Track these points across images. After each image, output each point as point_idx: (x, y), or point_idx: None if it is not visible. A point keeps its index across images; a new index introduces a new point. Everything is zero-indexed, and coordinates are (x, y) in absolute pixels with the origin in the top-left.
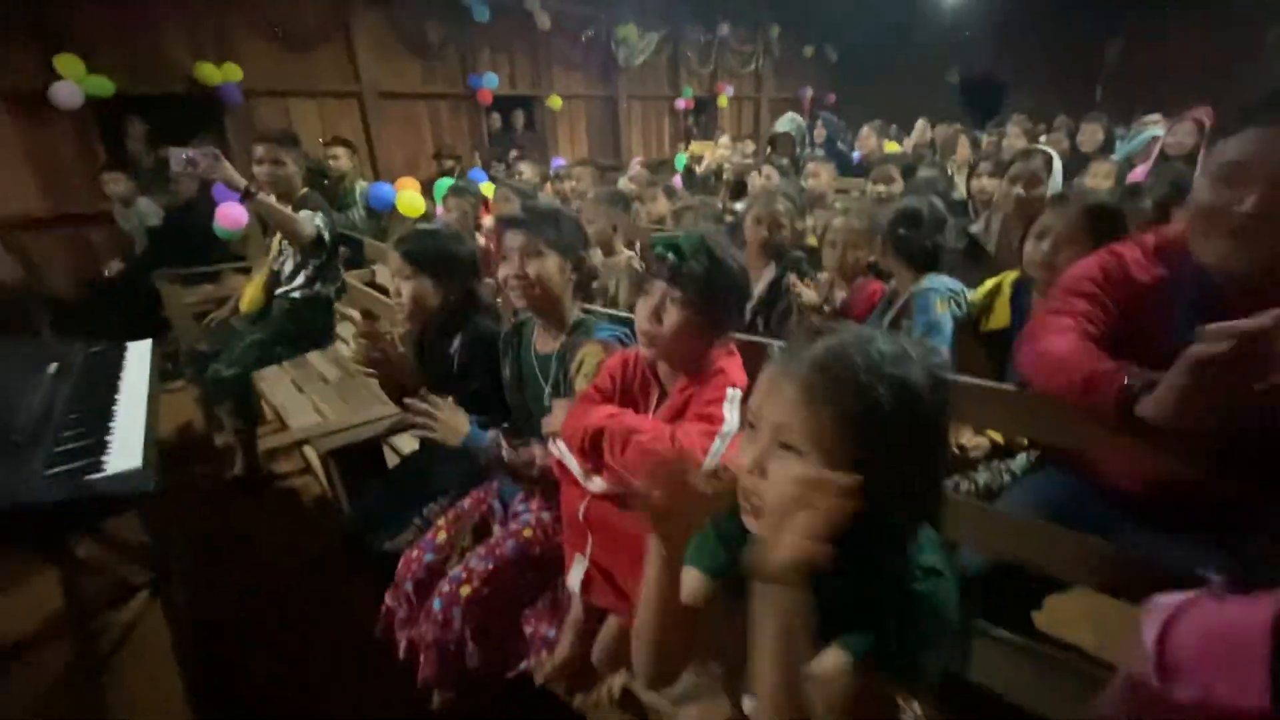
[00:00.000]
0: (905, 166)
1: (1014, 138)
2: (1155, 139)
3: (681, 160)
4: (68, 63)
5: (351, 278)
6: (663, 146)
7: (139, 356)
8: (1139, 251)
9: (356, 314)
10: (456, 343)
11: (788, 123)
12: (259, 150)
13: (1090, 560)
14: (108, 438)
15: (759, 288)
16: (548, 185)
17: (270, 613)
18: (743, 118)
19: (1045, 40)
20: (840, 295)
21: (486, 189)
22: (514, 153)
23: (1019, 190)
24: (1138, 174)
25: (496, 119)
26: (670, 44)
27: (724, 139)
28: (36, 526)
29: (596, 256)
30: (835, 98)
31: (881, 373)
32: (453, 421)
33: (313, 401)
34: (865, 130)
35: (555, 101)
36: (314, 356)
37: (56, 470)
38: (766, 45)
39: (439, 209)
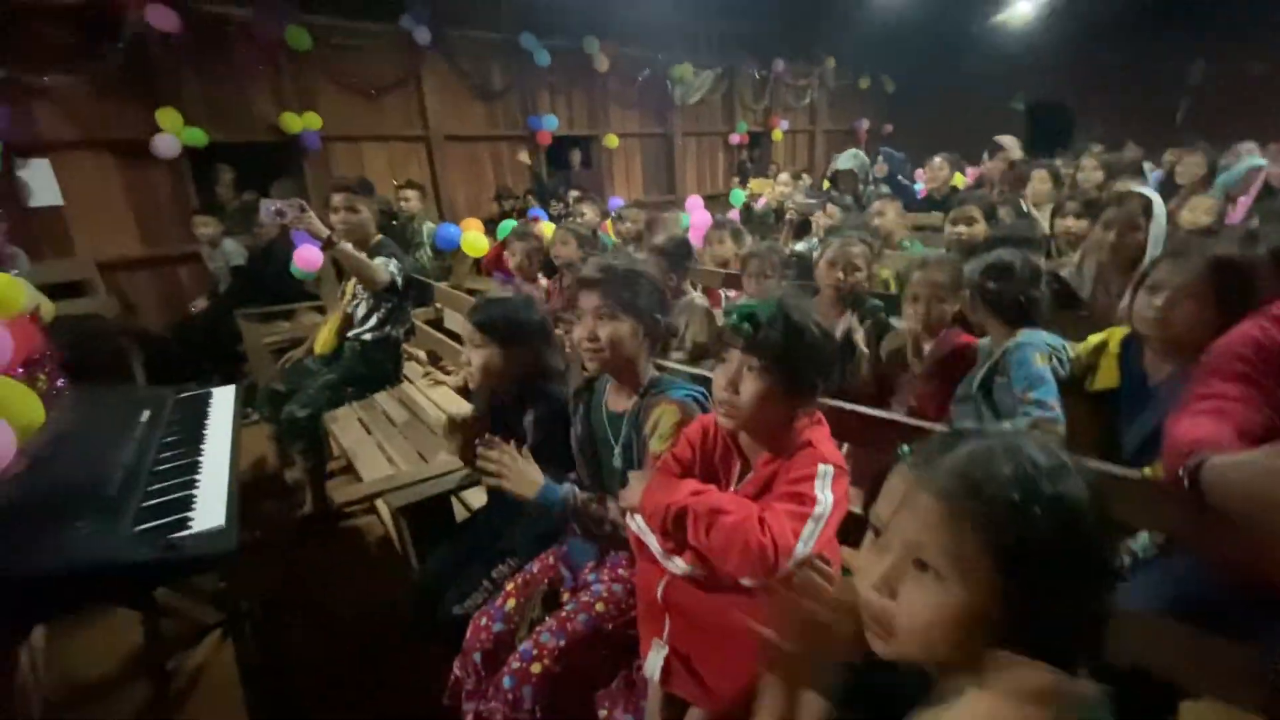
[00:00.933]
0: (987, 207)
1: (1089, 170)
2: (1256, 170)
3: (738, 196)
4: (168, 117)
5: (419, 320)
6: (717, 181)
7: (223, 403)
8: None
9: (423, 354)
10: (530, 416)
11: (850, 159)
12: (336, 199)
13: (1233, 671)
14: (193, 492)
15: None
16: (606, 224)
17: (337, 665)
18: (798, 150)
19: (1118, 62)
20: (926, 348)
21: (546, 228)
22: (574, 193)
23: (1113, 236)
24: (1238, 210)
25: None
26: (725, 81)
27: (784, 176)
28: (124, 584)
29: None
30: (892, 128)
31: (1038, 491)
32: (527, 472)
33: (380, 445)
34: (937, 161)
35: (612, 140)
36: (382, 397)
37: (144, 528)
38: (821, 78)
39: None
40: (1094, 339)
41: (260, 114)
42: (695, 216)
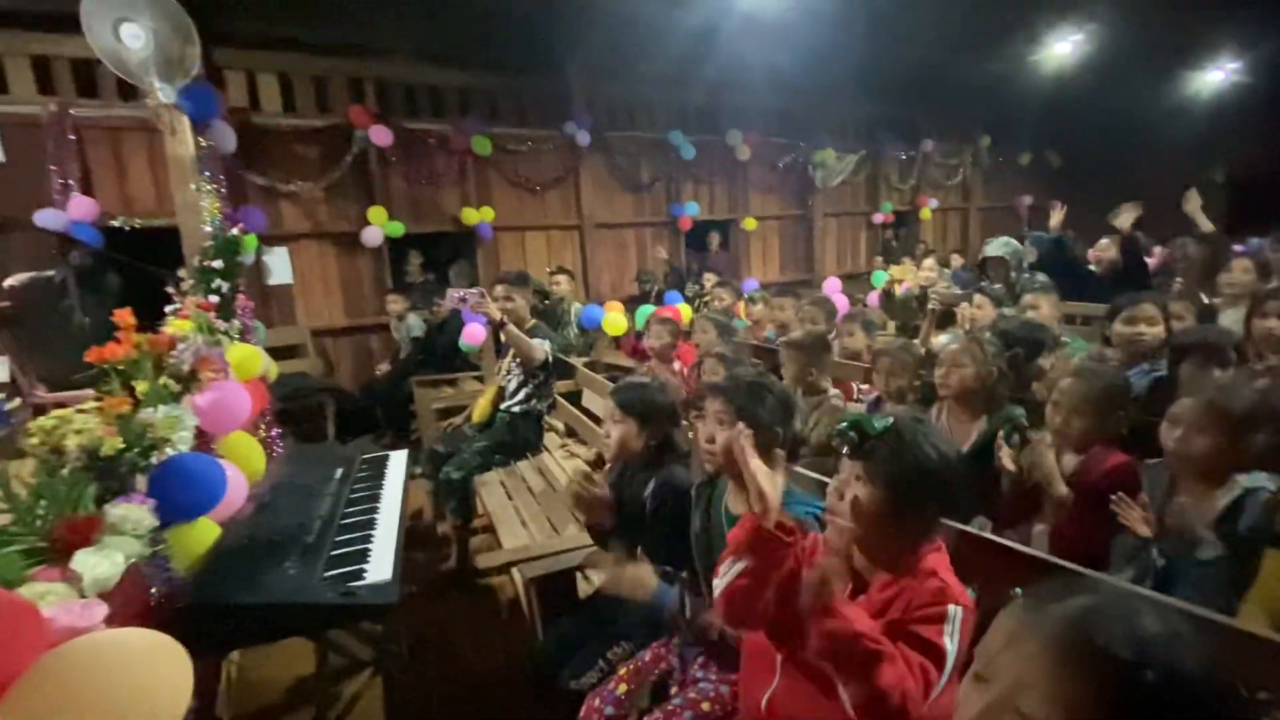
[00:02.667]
0: (1162, 305)
1: None
2: None
3: (879, 278)
4: (377, 213)
5: (560, 395)
6: (859, 260)
7: (398, 466)
8: None
9: (562, 426)
10: (651, 486)
11: (1001, 245)
12: (498, 289)
13: None
14: (369, 546)
15: (964, 448)
16: (740, 306)
17: (465, 715)
18: (949, 228)
19: None
20: (1069, 464)
21: (684, 310)
22: (709, 276)
23: None
24: None
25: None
26: (869, 163)
27: (928, 261)
28: (310, 620)
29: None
30: (1061, 203)
31: (1150, 654)
32: (639, 578)
33: (519, 512)
34: (1104, 242)
35: (750, 223)
36: (524, 465)
37: (332, 574)
38: (975, 156)
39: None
40: None
41: (446, 208)
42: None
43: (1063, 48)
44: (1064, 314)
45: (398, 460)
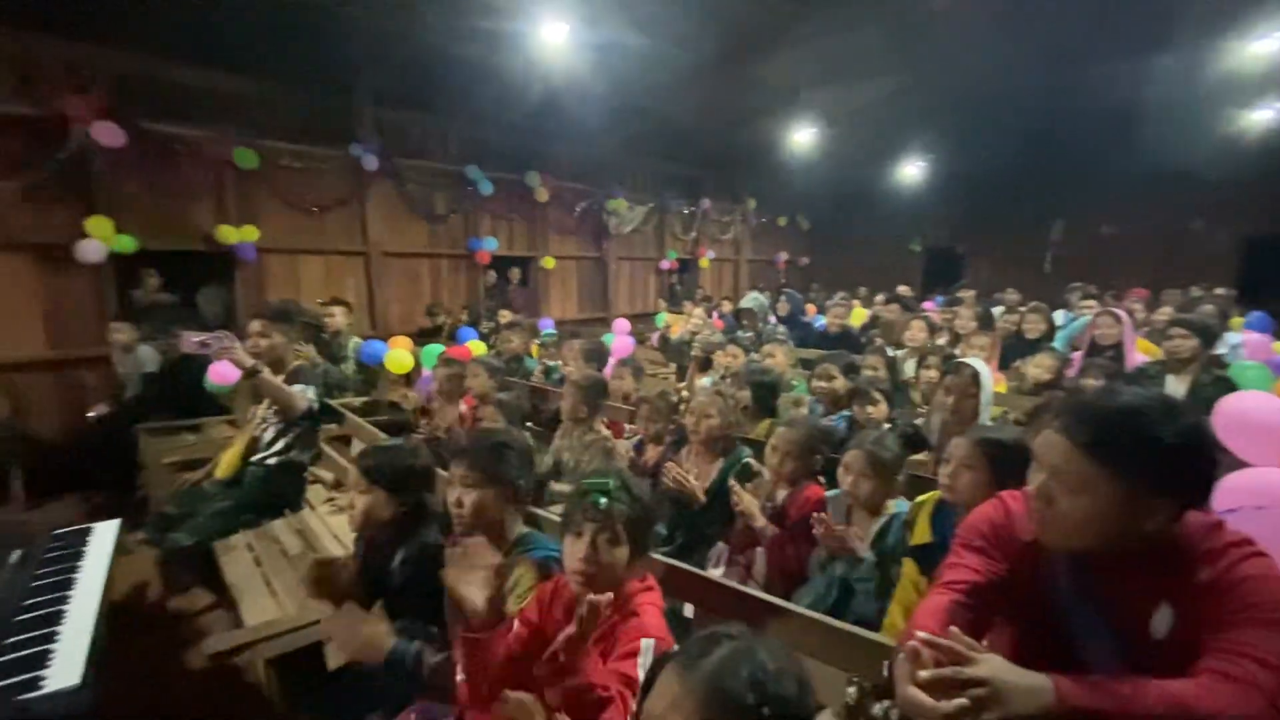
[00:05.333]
0: (846, 365)
1: (966, 319)
2: (1092, 323)
3: (661, 319)
4: (98, 224)
5: (328, 444)
6: (648, 301)
7: (102, 542)
8: (1023, 503)
9: (329, 476)
10: (401, 555)
11: (751, 300)
12: (254, 325)
13: None
14: (52, 647)
15: (705, 484)
16: (535, 348)
17: None
18: (723, 277)
19: (998, 216)
20: (781, 496)
21: (477, 346)
22: (504, 314)
23: (952, 401)
24: (1075, 361)
25: (492, 275)
26: (657, 214)
27: (697, 310)
28: None
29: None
30: (808, 261)
31: (767, 696)
32: (371, 639)
33: (268, 580)
34: (836, 300)
35: (549, 262)
36: (279, 525)
37: None
38: (744, 216)
39: (425, 372)
40: (921, 498)
41: (197, 224)
42: (618, 341)
43: (805, 136)
44: (798, 359)
45: (103, 534)
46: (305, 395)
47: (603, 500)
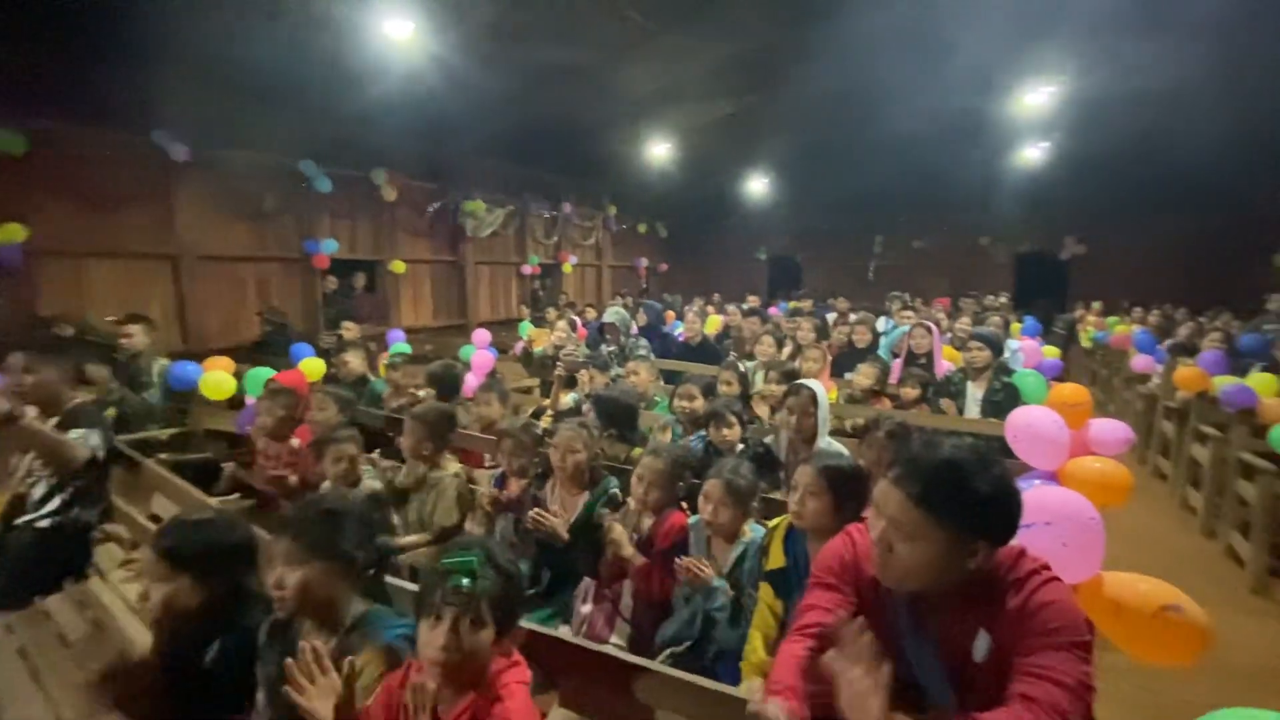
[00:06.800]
0: (706, 385)
1: (806, 331)
2: (908, 334)
3: (525, 328)
4: None
5: (121, 499)
6: (510, 307)
7: None
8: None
9: (124, 532)
10: (214, 650)
11: (613, 314)
12: (12, 360)
13: None
14: None
15: (571, 517)
16: (383, 367)
17: None
18: (586, 282)
19: (830, 230)
20: (647, 524)
21: (312, 368)
22: (348, 327)
23: (794, 420)
24: (896, 368)
25: (333, 280)
26: (518, 218)
27: (561, 323)
28: None
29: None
30: (667, 267)
31: None
32: None
33: (38, 678)
34: (690, 315)
35: (398, 266)
36: (56, 601)
37: None
38: (605, 222)
39: (249, 400)
40: (772, 523)
41: None
42: (477, 356)
43: (661, 148)
44: (659, 372)
45: None
46: (87, 443)
47: (465, 582)
